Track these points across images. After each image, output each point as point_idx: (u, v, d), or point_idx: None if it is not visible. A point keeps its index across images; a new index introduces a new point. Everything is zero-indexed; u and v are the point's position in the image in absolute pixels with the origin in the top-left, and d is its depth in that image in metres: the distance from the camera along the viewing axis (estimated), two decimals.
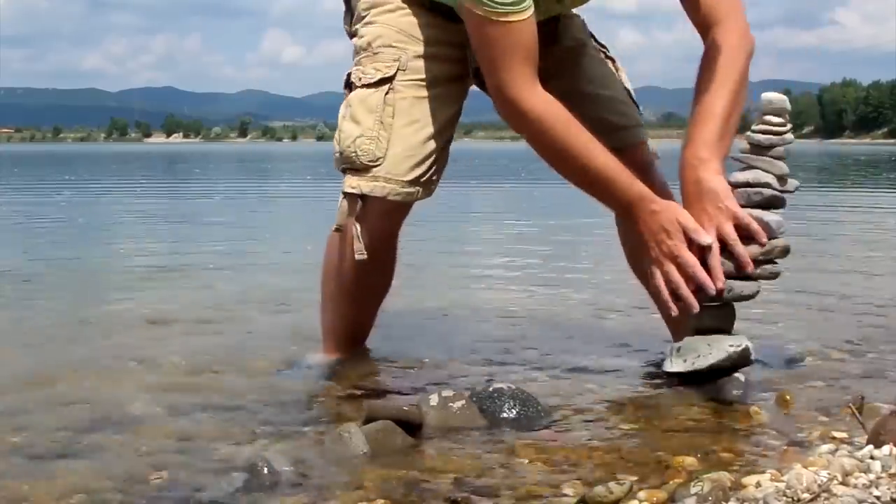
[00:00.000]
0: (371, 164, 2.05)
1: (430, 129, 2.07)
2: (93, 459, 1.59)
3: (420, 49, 2.07)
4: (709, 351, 1.97)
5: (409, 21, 2.08)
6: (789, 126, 2.04)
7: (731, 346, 1.97)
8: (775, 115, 2.01)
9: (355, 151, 2.05)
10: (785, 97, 2.03)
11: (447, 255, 4.60)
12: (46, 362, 2.33)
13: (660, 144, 2.37)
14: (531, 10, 1.89)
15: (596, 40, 2.28)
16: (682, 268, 1.89)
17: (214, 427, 1.77)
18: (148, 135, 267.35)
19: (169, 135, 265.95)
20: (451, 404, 1.78)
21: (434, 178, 2.11)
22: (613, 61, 2.27)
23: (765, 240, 1.92)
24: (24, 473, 1.53)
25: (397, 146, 2.05)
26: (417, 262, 4.02)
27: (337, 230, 2.12)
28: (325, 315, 2.28)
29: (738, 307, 2.01)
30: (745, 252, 1.91)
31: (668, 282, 1.91)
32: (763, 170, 1.99)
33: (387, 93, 2.06)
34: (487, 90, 2.04)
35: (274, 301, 3.15)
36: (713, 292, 1.89)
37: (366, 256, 2.07)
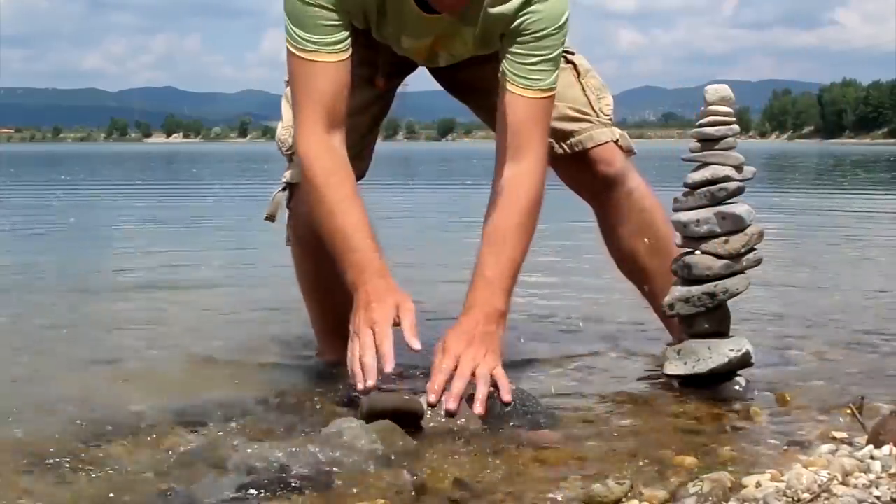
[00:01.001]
0: (289, 153, 2.12)
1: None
2: (92, 460, 1.58)
3: None
4: (709, 355, 1.98)
5: None
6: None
7: (732, 350, 1.97)
8: (722, 104, 1.99)
9: (279, 145, 2.15)
10: (727, 87, 2.01)
11: (446, 256, 4.60)
12: (45, 364, 2.33)
13: (659, 144, 2.37)
14: (339, 58, 1.86)
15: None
16: (362, 345, 1.79)
17: (214, 428, 1.77)
18: (148, 135, 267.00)
19: (169, 135, 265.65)
20: None
21: (352, 154, 2.04)
22: (575, 66, 2.20)
23: (508, 398, 1.76)
24: (25, 474, 1.52)
25: None
26: (415, 263, 4.02)
27: (266, 219, 2.20)
28: (309, 315, 2.30)
29: (738, 308, 2.01)
30: (458, 390, 1.75)
31: (353, 352, 1.80)
32: (719, 163, 1.99)
33: None
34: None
35: (273, 303, 3.15)
36: (364, 385, 1.76)
37: (290, 244, 2.14)
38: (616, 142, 2.19)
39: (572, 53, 2.21)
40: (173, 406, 1.91)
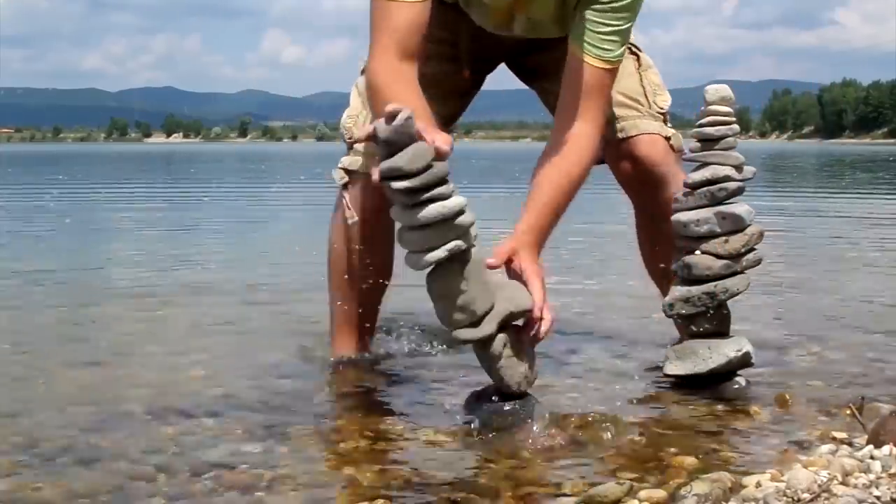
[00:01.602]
0: (352, 140, 2.20)
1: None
2: (92, 459, 1.58)
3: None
4: (709, 355, 1.98)
5: None
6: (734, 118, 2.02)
7: (732, 350, 1.97)
8: (722, 104, 1.99)
9: (342, 130, 2.22)
10: (727, 87, 2.01)
11: None
12: (46, 363, 2.33)
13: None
14: (419, 2, 1.89)
15: None
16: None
17: (215, 426, 1.77)
18: (148, 135, 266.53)
19: (169, 135, 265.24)
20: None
21: None
22: (639, 59, 2.23)
23: (542, 337, 1.80)
24: (26, 472, 1.52)
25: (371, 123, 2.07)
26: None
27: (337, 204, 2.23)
28: (330, 306, 2.30)
29: (738, 308, 2.01)
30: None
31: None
32: (719, 163, 1.99)
33: None
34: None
35: (273, 302, 3.15)
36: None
37: (356, 219, 2.16)
38: (668, 139, 2.18)
39: (640, 50, 2.24)
40: (172, 404, 1.91)
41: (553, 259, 4.21)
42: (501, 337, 1.72)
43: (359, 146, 2.17)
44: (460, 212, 1.62)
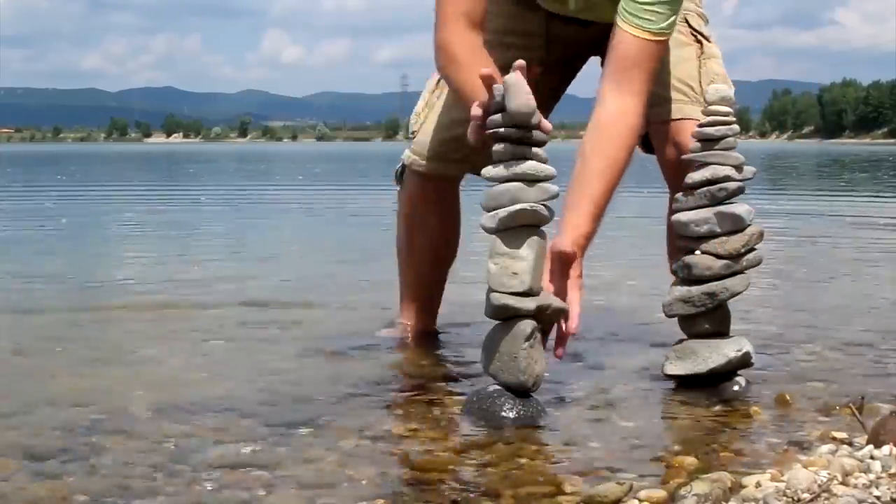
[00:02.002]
0: (411, 137, 2.38)
1: (462, 113, 2.01)
2: (93, 459, 1.58)
3: (486, 37, 2.07)
4: (708, 355, 1.98)
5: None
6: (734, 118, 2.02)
7: (732, 350, 1.97)
8: (722, 105, 1.99)
9: (408, 125, 2.37)
10: (727, 87, 2.01)
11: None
12: (46, 362, 2.33)
13: None
14: None
15: (690, 24, 2.21)
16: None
17: (215, 427, 1.77)
18: (148, 135, 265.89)
19: (169, 135, 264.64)
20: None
21: (458, 157, 2.26)
22: (702, 47, 2.21)
23: (574, 331, 1.88)
24: (26, 473, 1.52)
25: (429, 123, 2.32)
26: None
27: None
28: (399, 281, 2.52)
29: (739, 308, 2.01)
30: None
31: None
32: (719, 163, 1.99)
33: None
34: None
35: (273, 303, 3.14)
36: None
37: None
38: (681, 120, 2.17)
39: (708, 39, 2.23)
40: (173, 404, 1.91)
41: None
42: (533, 322, 1.76)
43: (413, 142, 2.34)
44: (551, 177, 1.75)
